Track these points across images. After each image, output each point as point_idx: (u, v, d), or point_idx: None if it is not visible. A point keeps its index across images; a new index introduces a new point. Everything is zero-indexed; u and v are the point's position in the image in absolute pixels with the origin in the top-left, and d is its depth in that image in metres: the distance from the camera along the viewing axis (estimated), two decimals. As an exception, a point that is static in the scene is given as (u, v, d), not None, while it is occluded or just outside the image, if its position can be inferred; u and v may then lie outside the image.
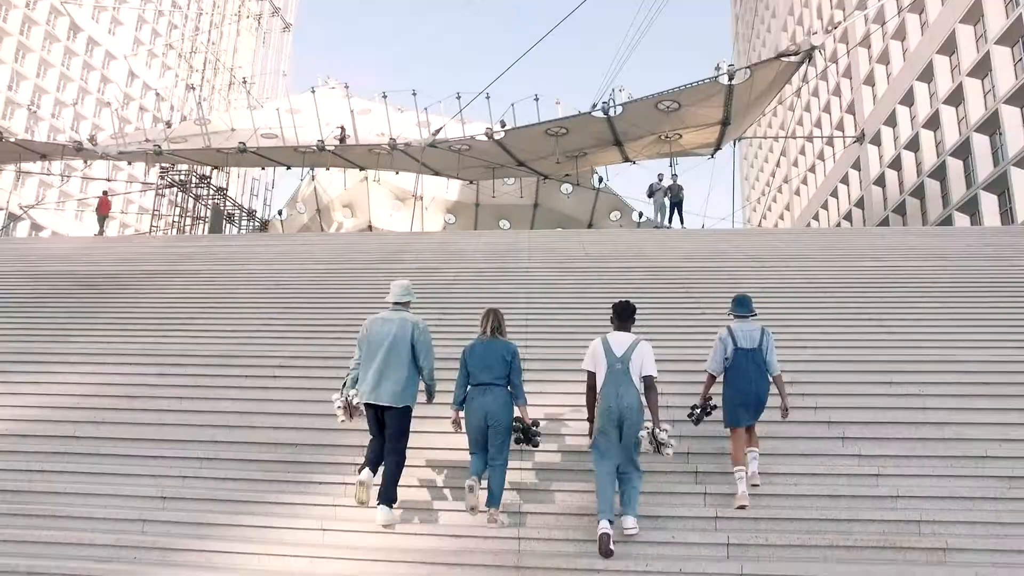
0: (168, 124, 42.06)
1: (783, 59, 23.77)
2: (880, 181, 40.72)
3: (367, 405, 5.85)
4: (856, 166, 44.90)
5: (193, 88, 45.56)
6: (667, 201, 22.28)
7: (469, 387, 5.93)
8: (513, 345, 6.07)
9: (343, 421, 6.07)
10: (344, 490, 6.23)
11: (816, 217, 53.35)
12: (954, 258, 14.74)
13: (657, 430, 5.59)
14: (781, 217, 67.08)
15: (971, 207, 31.12)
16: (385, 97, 33.55)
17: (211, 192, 45.32)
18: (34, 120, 54.98)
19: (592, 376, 5.77)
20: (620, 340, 5.76)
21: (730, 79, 23.35)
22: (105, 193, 26.99)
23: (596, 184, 33.50)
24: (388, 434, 5.83)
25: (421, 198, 34.61)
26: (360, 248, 17.79)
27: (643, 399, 5.59)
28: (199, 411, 7.93)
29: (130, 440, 7.23)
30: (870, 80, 42.61)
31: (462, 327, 9.55)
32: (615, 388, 5.54)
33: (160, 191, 48.13)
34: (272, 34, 62.70)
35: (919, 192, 35.92)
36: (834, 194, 49.77)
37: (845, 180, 47.27)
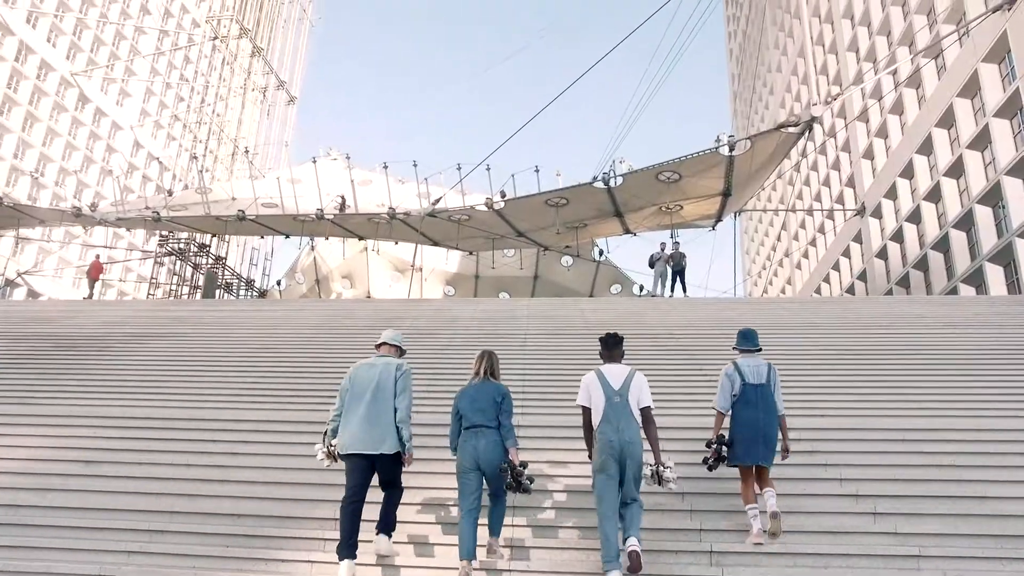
0: (169, 192, 42.20)
1: (783, 130, 23.71)
2: (882, 254, 40.45)
3: (354, 456, 5.54)
4: (857, 239, 44.74)
5: (196, 158, 45.84)
6: (669, 269, 21.81)
7: (462, 431, 5.71)
8: (504, 387, 5.85)
9: (328, 465, 5.83)
10: (310, 570, 5.49)
11: (818, 291, 53.01)
12: (965, 326, 14.16)
13: (662, 467, 5.44)
14: (782, 291, 66.81)
15: (976, 278, 30.68)
16: (386, 167, 33.71)
17: (209, 261, 45.11)
18: (37, 188, 55.25)
19: (588, 412, 5.57)
20: (615, 372, 5.59)
21: (731, 150, 23.18)
22: (97, 257, 26.61)
23: (596, 257, 33.36)
24: (382, 480, 5.64)
25: (420, 269, 34.33)
26: (353, 313, 17.23)
27: (640, 432, 5.42)
28: (160, 478, 7.21)
29: (77, 509, 6.50)
30: (869, 154, 42.84)
31: (454, 391, 8.93)
32: (615, 422, 5.34)
33: (159, 259, 48.00)
34: (277, 106, 63.54)
35: (923, 264, 35.57)
36: (836, 267, 49.52)
37: (847, 253, 47.07)
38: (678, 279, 21.81)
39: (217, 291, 35.32)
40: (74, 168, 59.69)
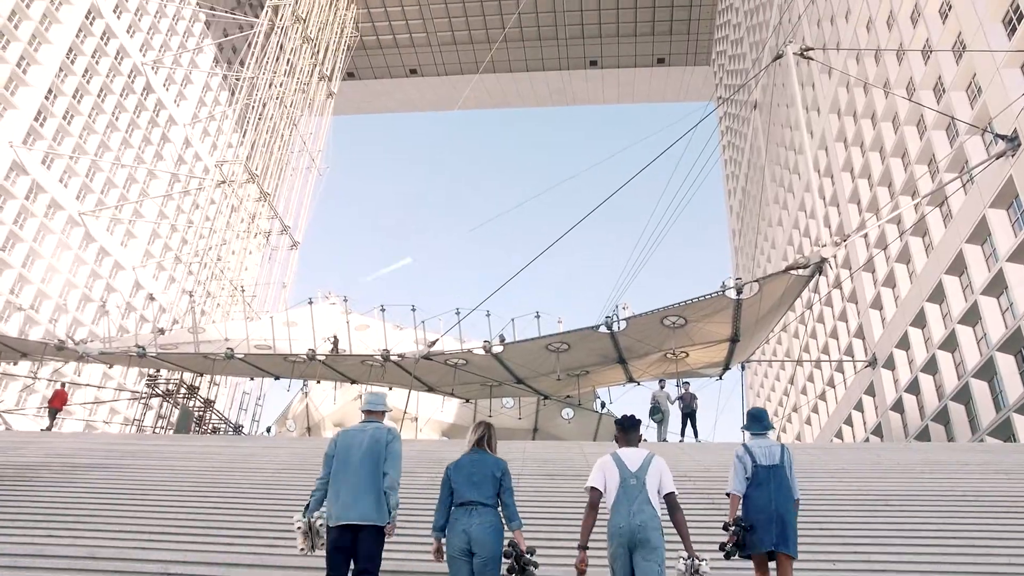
0: (161, 331, 41.45)
1: (792, 272, 22.93)
2: (898, 406, 38.70)
3: (338, 528, 5.19)
4: (870, 391, 43.10)
5: (191, 295, 45.30)
6: (679, 409, 20.28)
7: (453, 508, 5.27)
8: (504, 462, 5.49)
9: (302, 550, 5.43)
10: None
11: (831, 446, 50.72)
12: (1019, 474, 12.54)
13: (696, 561, 5.12)
14: (792, 446, 64.28)
15: (1004, 430, 28.86)
16: (383, 310, 33.09)
17: (196, 402, 43.59)
18: (30, 324, 54.42)
19: (596, 494, 5.31)
20: (632, 455, 5.39)
21: (738, 293, 22.33)
22: (63, 385, 25.19)
23: (598, 408, 32.12)
24: (361, 555, 5.23)
25: (415, 419, 32.95)
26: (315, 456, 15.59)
27: (659, 519, 5.13)
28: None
29: None
30: (877, 303, 42.04)
31: (428, 525, 7.48)
32: (628, 506, 5.09)
33: (145, 400, 46.43)
34: (280, 251, 63.95)
35: (943, 417, 33.79)
36: (848, 422, 47.52)
37: (859, 407, 45.25)
38: (689, 422, 20.21)
39: (193, 427, 33.86)
40: (72, 307, 59.18)
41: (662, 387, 21.19)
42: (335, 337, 33.08)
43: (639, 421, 5.58)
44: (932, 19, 33.74)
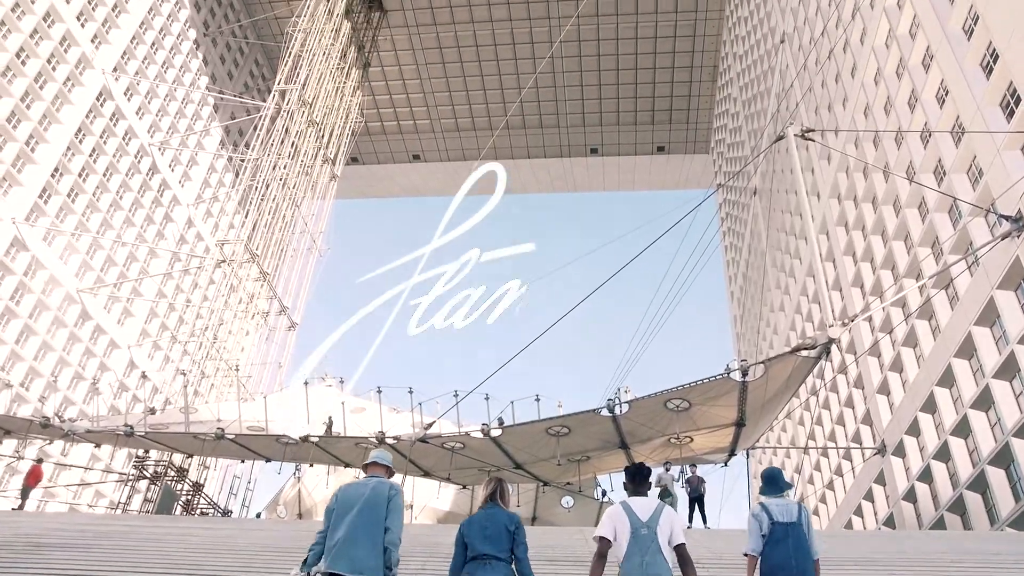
0: (152, 411, 40.56)
1: (799, 354, 22.32)
2: (910, 495, 37.33)
3: None
4: (880, 480, 41.71)
5: (184, 373, 44.54)
6: (686, 494, 19.30)
7: (467, 563, 5.33)
8: (517, 516, 5.57)
9: None
10: None
11: (841, 538, 48.84)
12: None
13: None
14: (800, 539, 62.01)
15: (1024, 522, 27.64)
16: (380, 392, 32.46)
17: (184, 486, 42.29)
18: (19, 402, 53.29)
19: (606, 543, 5.30)
20: (642, 504, 5.34)
21: (743, 375, 21.65)
22: (40, 462, 24.20)
23: (599, 496, 31.12)
24: None
25: (411, 505, 31.87)
26: (304, 539, 14.64)
27: (671, 571, 5.02)
28: None
29: None
30: (884, 388, 41.14)
31: None
32: (640, 556, 5.04)
33: (132, 483, 45.04)
34: (277, 331, 63.42)
35: (959, 506, 32.46)
36: (858, 512, 45.86)
37: (869, 496, 43.75)
38: (697, 507, 19.21)
39: (180, 510, 32.60)
40: (62, 383, 58.18)
41: (667, 469, 20.28)
42: (329, 419, 32.37)
43: (649, 471, 5.47)
44: (929, 104, 34.15)
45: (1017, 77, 27.29)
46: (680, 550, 5.24)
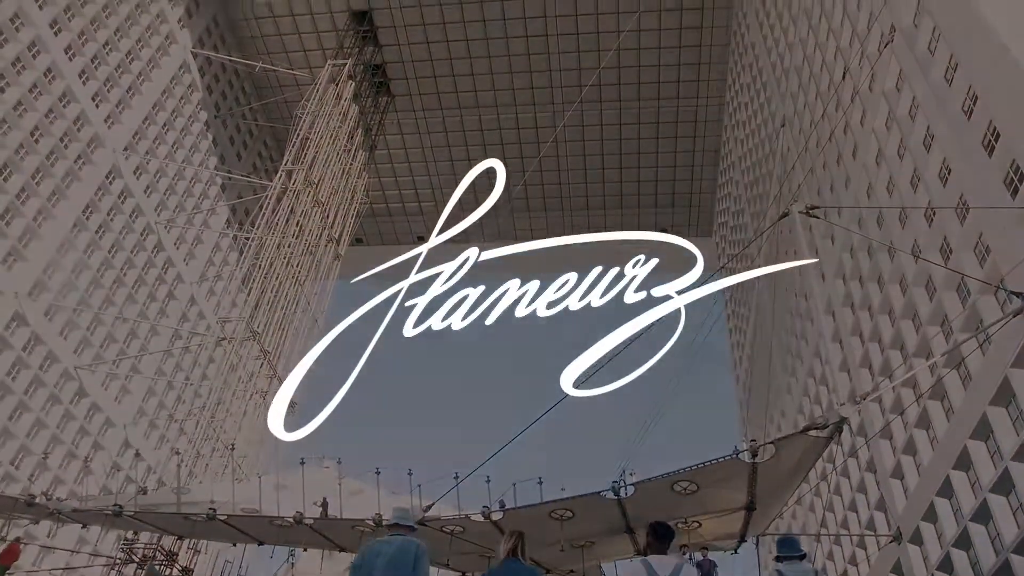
0: (144, 491, 39.51)
1: (810, 433, 21.63)
2: (930, 586, 35.70)
3: None
4: (897, 570, 39.98)
5: (178, 453, 43.62)
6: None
7: None
8: (539, 571, 4.89)
9: None
10: None
11: (857, 634, 46.59)
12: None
13: None
14: (815, 634, 59.29)
15: (1055, 615, 26.19)
16: (379, 473, 31.60)
17: (173, 571, 40.83)
18: (9, 481, 52.02)
19: None
20: (663, 562, 5.40)
21: (753, 456, 20.91)
22: (18, 540, 23.23)
23: None
24: None
25: None
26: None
27: None
28: None
29: None
30: (898, 472, 39.91)
31: None
32: None
33: (118, 567, 43.45)
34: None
35: (983, 598, 30.94)
36: (876, 605, 43.90)
37: (886, 587, 41.92)
38: (707, 594, 18.15)
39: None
40: (53, 463, 56.96)
41: (684, 554, 19.27)
42: (324, 500, 31.35)
43: (674, 531, 5.36)
44: (933, 182, 34.24)
45: (1019, 154, 27.37)
46: None
